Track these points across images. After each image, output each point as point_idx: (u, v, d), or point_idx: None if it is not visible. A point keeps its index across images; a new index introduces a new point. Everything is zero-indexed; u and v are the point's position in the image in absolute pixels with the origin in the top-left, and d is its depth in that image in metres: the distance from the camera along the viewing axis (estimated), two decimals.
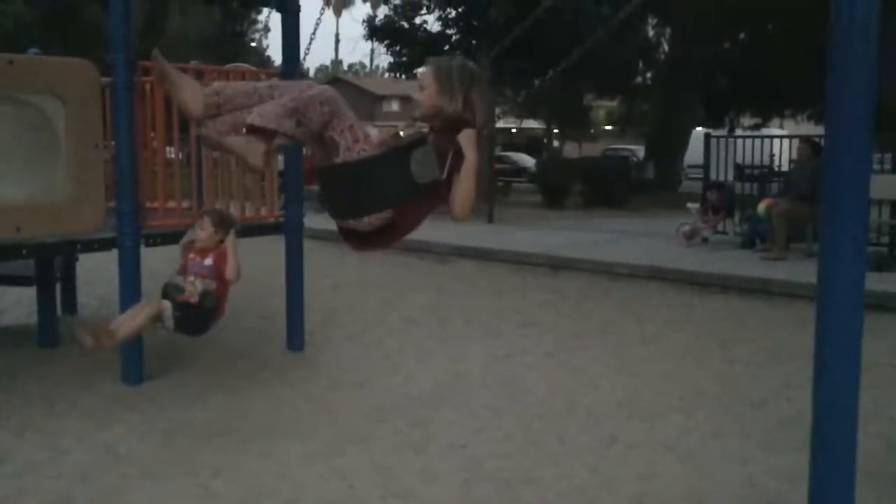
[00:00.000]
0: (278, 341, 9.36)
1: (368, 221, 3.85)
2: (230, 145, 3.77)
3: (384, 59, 70.03)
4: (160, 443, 6.54)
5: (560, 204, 25.15)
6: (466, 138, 3.85)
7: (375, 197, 3.80)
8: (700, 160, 18.36)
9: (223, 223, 6.15)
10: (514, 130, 69.00)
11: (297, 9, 9.00)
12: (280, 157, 9.34)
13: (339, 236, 3.99)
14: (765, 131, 31.50)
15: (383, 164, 3.75)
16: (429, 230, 4.91)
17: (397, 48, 33.01)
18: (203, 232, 6.03)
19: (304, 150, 8.47)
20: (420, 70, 4.01)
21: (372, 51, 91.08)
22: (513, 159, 43.01)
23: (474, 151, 3.86)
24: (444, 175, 3.82)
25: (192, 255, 5.98)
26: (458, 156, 3.85)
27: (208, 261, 5.95)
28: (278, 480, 5.86)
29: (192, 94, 3.92)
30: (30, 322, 9.90)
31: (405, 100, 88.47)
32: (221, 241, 6.04)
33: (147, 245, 7.94)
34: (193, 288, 5.82)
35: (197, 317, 5.92)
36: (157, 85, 7.51)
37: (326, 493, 5.68)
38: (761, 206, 14.59)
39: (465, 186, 3.90)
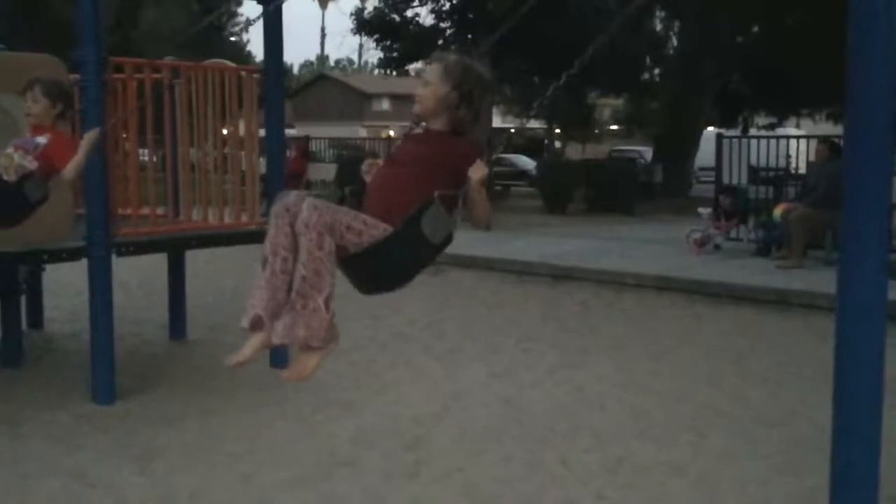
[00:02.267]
0: (261, 358, 9.30)
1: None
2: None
3: (373, 55, 70.03)
4: (134, 468, 6.52)
5: (562, 209, 25.16)
6: (476, 173, 3.95)
7: (400, 272, 4.13)
8: (712, 162, 18.39)
9: (60, 94, 5.73)
10: (513, 130, 69.08)
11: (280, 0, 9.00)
12: (262, 161, 9.35)
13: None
14: (780, 131, 31.56)
15: (398, 241, 3.96)
16: None
17: (388, 43, 33.00)
18: (36, 105, 5.63)
19: (288, 153, 8.49)
20: (424, 64, 4.03)
21: (360, 46, 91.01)
22: (512, 162, 42.99)
23: (483, 186, 4.00)
24: (458, 221, 4.03)
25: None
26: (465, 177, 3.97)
27: (41, 139, 5.52)
28: None
29: None
30: None
31: (396, 98, 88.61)
32: (61, 116, 5.65)
33: (119, 255, 7.94)
34: (9, 161, 5.40)
35: (8, 201, 5.50)
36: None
37: None
38: (777, 212, 14.61)
39: (478, 212, 4.10)
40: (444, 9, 31.08)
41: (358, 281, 4.17)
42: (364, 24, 32.76)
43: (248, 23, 49.01)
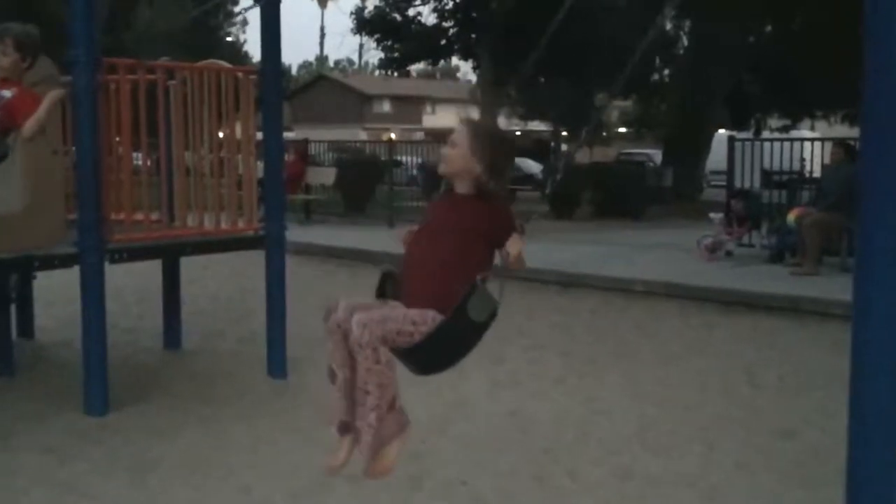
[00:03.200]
0: (259, 367, 9.34)
1: None
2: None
3: (374, 56, 70.04)
4: (128, 480, 6.52)
5: (570, 214, 25.14)
6: (514, 248, 4.37)
7: (452, 356, 4.48)
8: (723, 166, 18.38)
9: (31, 48, 5.75)
10: (518, 133, 69.09)
11: None
12: (259, 164, 9.35)
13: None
14: (794, 134, 31.56)
15: (447, 331, 4.28)
16: None
17: (389, 43, 33.07)
18: (6, 58, 5.68)
19: (286, 157, 8.49)
20: (454, 125, 4.54)
21: (361, 46, 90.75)
22: (517, 165, 43.04)
23: (521, 255, 4.39)
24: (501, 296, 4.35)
25: None
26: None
27: (6, 92, 5.54)
28: None
29: None
30: None
31: (397, 100, 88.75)
32: (30, 68, 5.65)
33: (112, 261, 7.94)
34: None
35: None
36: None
37: None
38: (791, 217, 14.60)
39: (515, 269, 4.43)
40: (447, 8, 31.11)
41: (412, 367, 4.56)
42: (364, 24, 32.83)
43: (247, 8, 48.95)
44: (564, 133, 47.73)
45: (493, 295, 4.31)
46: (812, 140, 18.85)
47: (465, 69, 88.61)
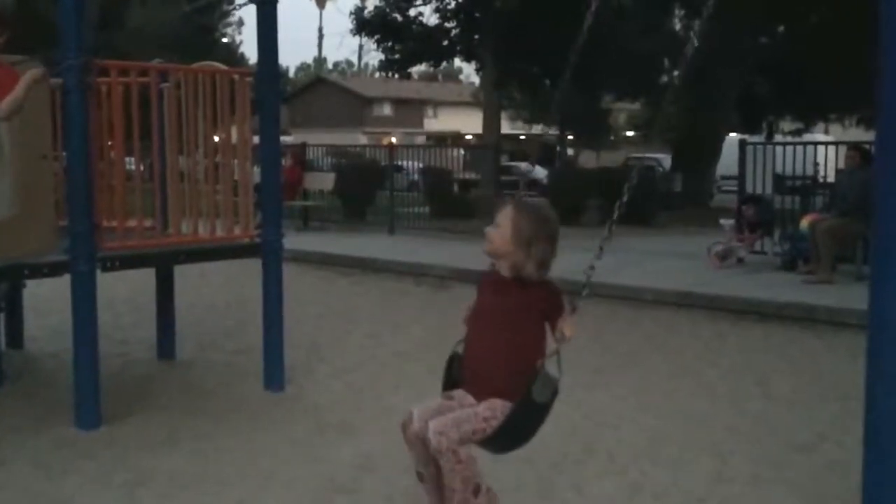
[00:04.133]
0: (255, 379, 9.34)
1: None
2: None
3: (374, 57, 70.12)
4: (120, 496, 6.51)
5: (575, 221, 25.15)
6: (568, 330, 4.88)
7: (524, 437, 4.96)
8: (734, 170, 18.38)
9: (4, 18, 5.74)
10: (522, 137, 69.15)
11: None
12: (256, 170, 9.36)
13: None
14: (808, 137, 31.58)
15: (517, 418, 4.76)
16: (426, 251, 4.94)
17: (389, 44, 33.09)
18: None
19: (284, 162, 8.49)
20: (502, 207, 4.99)
21: (360, 47, 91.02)
22: (521, 170, 43.00)
23: (572, 328, 4.86)
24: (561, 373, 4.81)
25: None
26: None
27: None
28: None
29: None
30: None
31: (398, 103, 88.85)
32: (7, 42, 5.67)
33: (104, 270, 7.93)
34: None
35: None
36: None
37: None
38: (804, 223, 14.61)
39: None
40: (449, 8, 31.12)
41: (488, 449, 5.02)
42: (364, 24, 32.85)
43: (241, 4, 49.05)
44: (570, 137, 47.78)
45: (553, 374, 4.75)
46: (826, 144, 18.87)
47: (468, 71, 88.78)
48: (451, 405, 4.88)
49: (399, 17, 32.49)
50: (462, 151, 30.51)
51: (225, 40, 53.37)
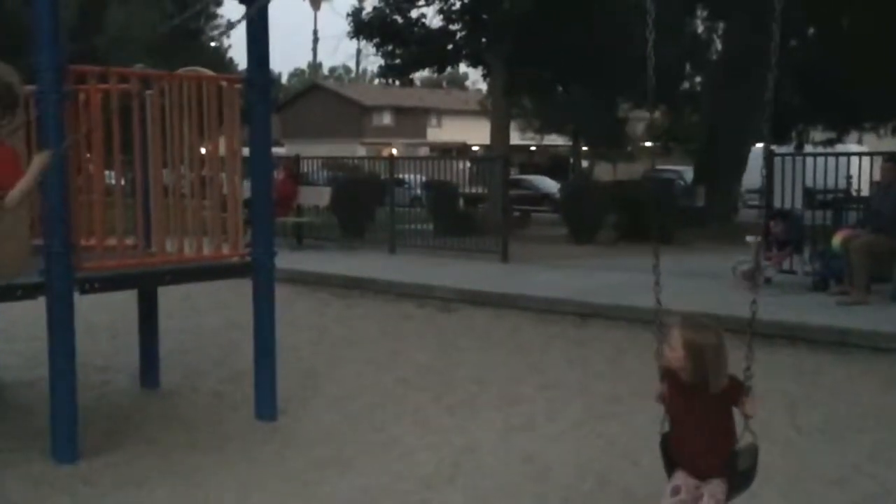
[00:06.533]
0: (245, 409, 9.36)
1: None
2: None
3: (373, 62, 70.28)
4: None
5: (590, 238, 25.18)
6: (753, 411, 5.65)
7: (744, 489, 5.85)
8: (761, 184, 18.37)
9: (10, 102, 5.81)
10: (533, 148, 69.25)
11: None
12: (246, 184, 9.37)
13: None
14: (840, 148, 31.60)
15: (737, 490, 5.71)
16: (429, 271, 4.94)
17: (389, 48, 33.08)
18: None
19: (276, 174, 8.50)
20: (672, 326, 5.86)
21: (358, 51, 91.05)
22: (532, 184, 43.09)
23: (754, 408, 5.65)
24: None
25: None
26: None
27: None
28: None
29: None
30: None
31: (399, 112, 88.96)
32: (7, 124, 5.73)
33: (82, 292, 7.95)
34: None
35: None
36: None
37: None
38: (836, 240, 14.58)
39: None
40: (455, 9, 31.11)
41: None
42: (362, 27, 32.85)
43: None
44: (584, 148, 47.84)
45: (750, 444, 5.65)
46: (860, 155, 18.88)
47: (475, 77, 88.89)
48: (683, 501, 5.74)
49: (400, 19, 32.48)
50: (468, 164, 30.49)
51: (212, 44, 53.46)
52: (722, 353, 5.73)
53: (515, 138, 47.95)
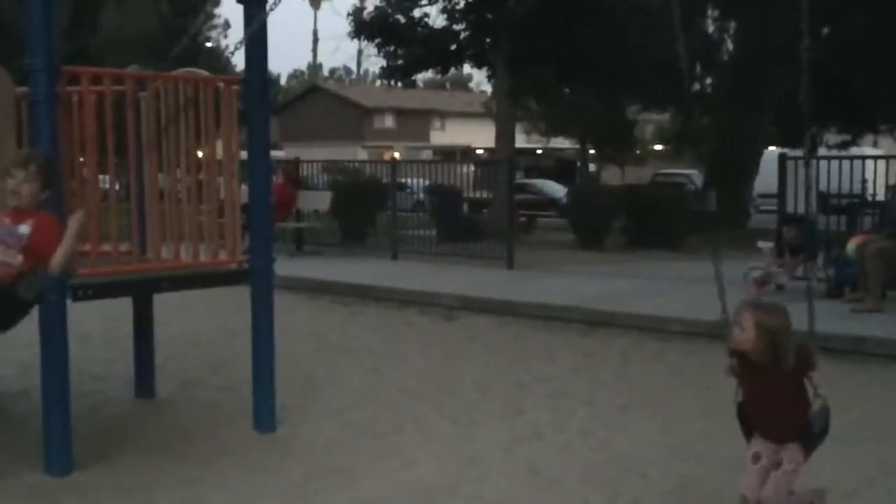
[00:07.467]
0: (243, 419, 9.36)
1: None
2: None
3: (375, 63, 70.32)
4: None
5: (598, 244, 25.16)
6: (819, 383, 6.41)
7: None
8: (773, 188, 18.37)
9: (50, 177, 5.93)
10: (539, 151, 69.21)
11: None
12: (244, 188, 9.38)
13: None
14: (855, 151, 31.56)
15: (811, 451, 6.38)
16: (432, 278, 4.96)
17: (391, 49, 33.07)
18: (28, 185, 5.86)
19: (275, 178, 8.51)
20: (744, 309, 6.57)
21: (359, 52, 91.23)
22: (538, 188, 43.03)
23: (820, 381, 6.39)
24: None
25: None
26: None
27: (23, 228, 5.68)
28: None
29: None
30: None
31: (401, 114, 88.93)
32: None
33: (75, 299, 7.95)
34: None
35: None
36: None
37: None
38: (851, 245, 14.58)
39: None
40: (458, 8, 31.07)
41: None
42: (363, 27, 32.83)
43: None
44: (592, 151, 47.79)
45: (822, 405, 6.34)
46: (875, 158, 18.84)
47: (479, 78, 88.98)
48: (764, 467, 6.24)
49: (402, 19, 32.44)
50: (472, 167, 30.45)
51: (209, 45, 53.50)
52: (791, 334, 6.30)
53: (521, 141, 47.93)
